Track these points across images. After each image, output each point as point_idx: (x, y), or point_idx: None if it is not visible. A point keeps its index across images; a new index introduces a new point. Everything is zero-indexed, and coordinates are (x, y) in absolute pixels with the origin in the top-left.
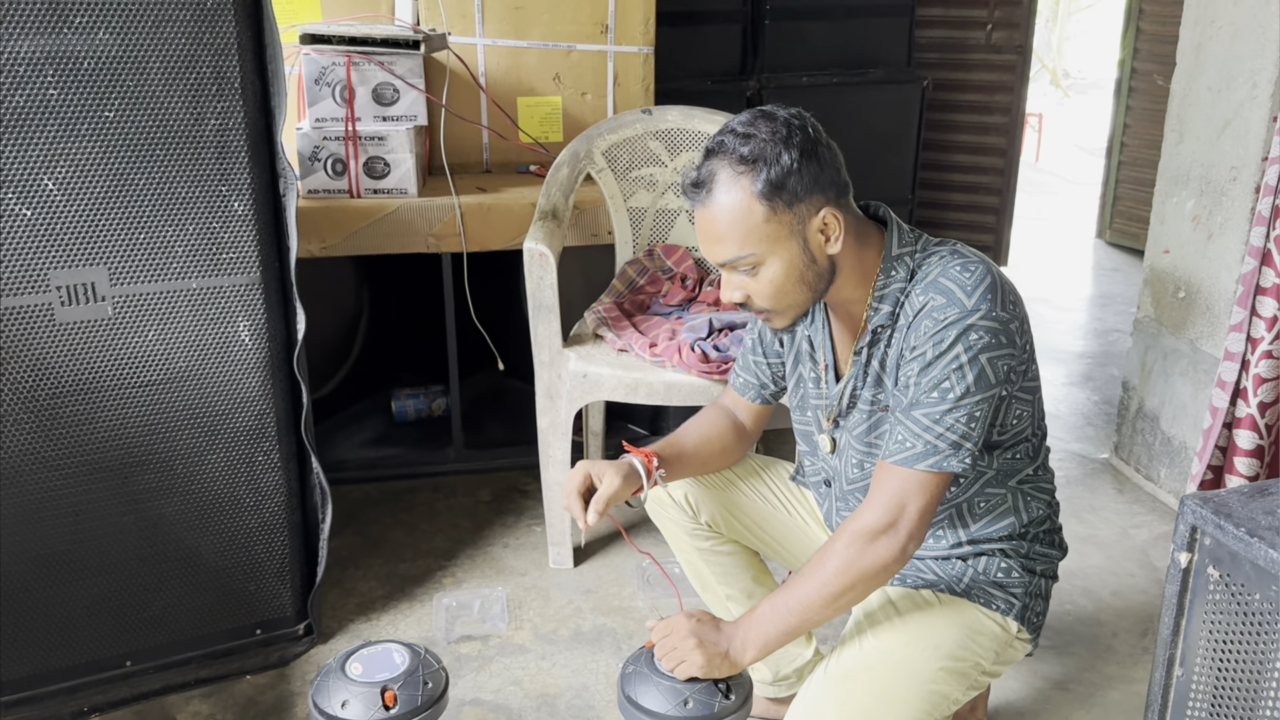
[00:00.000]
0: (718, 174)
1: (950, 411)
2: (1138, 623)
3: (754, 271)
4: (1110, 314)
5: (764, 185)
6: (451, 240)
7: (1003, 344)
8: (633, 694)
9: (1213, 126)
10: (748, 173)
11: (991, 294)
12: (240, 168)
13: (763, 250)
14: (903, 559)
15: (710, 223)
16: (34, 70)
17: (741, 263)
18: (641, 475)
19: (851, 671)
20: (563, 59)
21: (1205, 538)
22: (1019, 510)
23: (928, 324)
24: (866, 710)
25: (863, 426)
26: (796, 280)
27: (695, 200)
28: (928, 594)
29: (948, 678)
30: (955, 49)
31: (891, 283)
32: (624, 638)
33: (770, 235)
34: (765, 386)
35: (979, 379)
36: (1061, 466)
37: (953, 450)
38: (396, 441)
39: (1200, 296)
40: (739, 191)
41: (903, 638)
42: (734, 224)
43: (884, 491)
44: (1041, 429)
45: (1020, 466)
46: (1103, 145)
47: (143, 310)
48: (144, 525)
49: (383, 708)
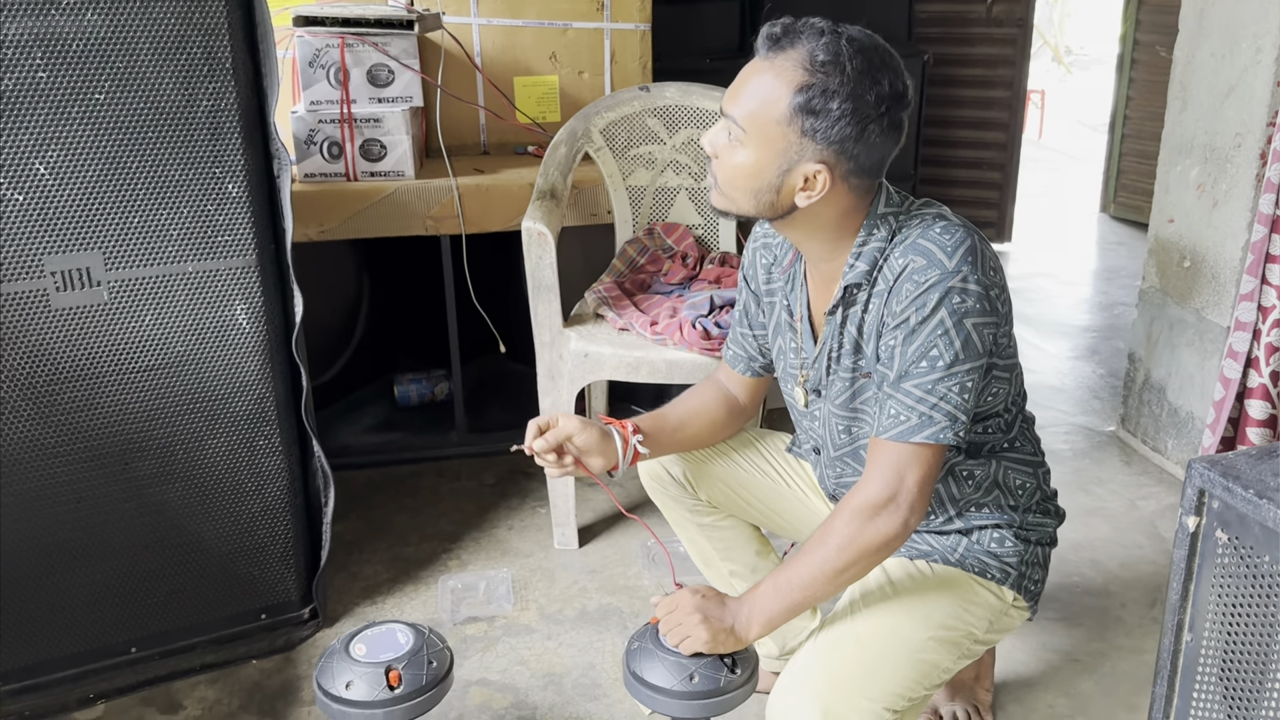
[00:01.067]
0: (790, 53)
1: (941, 381)
2: (1146, 593)
3: (735, 143)
4: (1115, 287)
5: (804, 100)
6: (450, 222)
7: (985, 311)
8: (638, 670)
9: (1216, 93)
10: (805, 78)
11: (972, 257)
12: (233, 149)
13: (755, 138)
14: (905, 533)
15: (748, 78)
16: (22, 52)
17: (734, 128)
18: (616, 441)
19: (840, 640)
20: (559, 37)
21: (1213, 500)
22: (1000, 483)
23: (909, 288)
24: (853, 678)
25: (845, 395)
26: (751, 182)
27: (762, 50)
28: (922, 564)
29: (938, 647)
30: (956, 23)
31: (872, 240)
32: (629, 617)
33: (771, 135)
34: (754, 359)
35: (966, 346)
36: (1068, 440)
37: (948, 421)
38: (399, 426)
39: (1206, 265)
40: (785, 84)
41: (894, 607)
42: (758, 96)
43: (881, 465)
44: (1015, 405)
45: (989, 439)
46: (1105, 121)
47: (139, 295)
48: (146, 511)
49: (387, 688)
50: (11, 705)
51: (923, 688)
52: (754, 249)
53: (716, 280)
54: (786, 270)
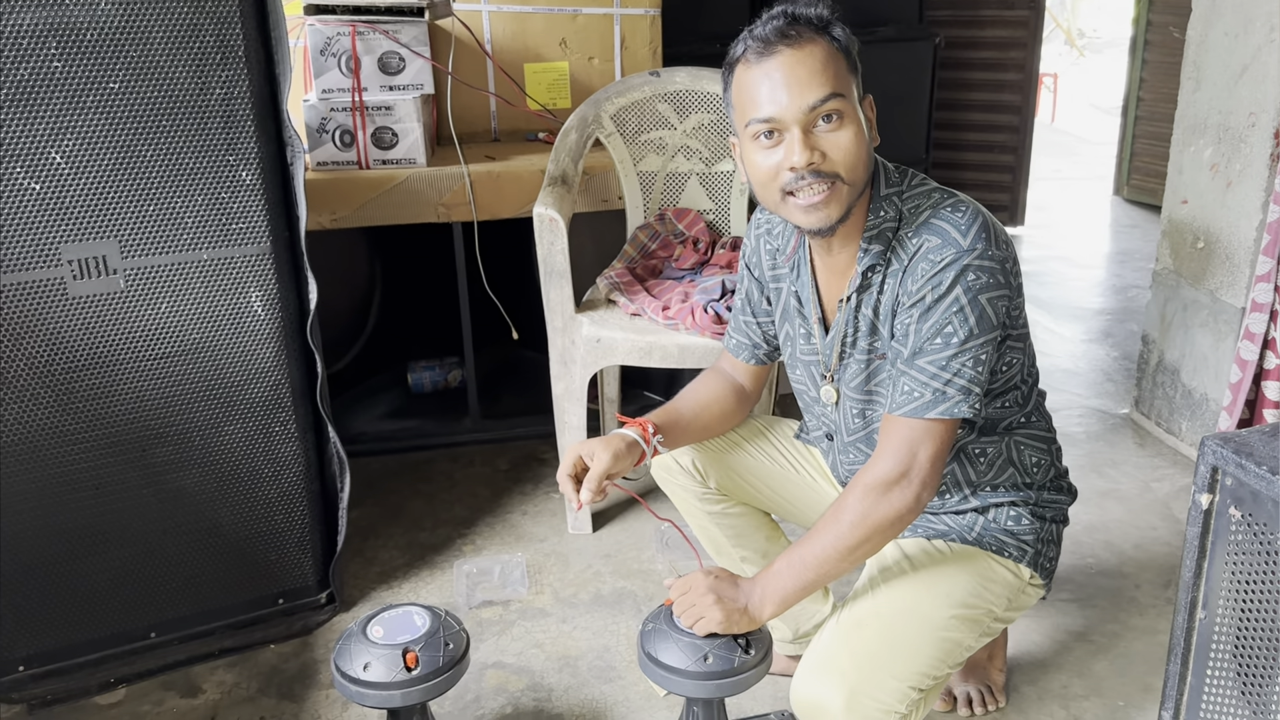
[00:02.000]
0: (803, 23)
1: (956, 356)
2: (1160, 574)
3: (836, 124)
4: (1129, 270)
5: (843, 41)
6: (462, 209)
7: (999, 284)
8: (653, 651)
9: (1230, 72)
10: (827, 30)
11: (985, 233)
12: (247, 137)
13: (848, 97)
14: (917, 508)
15: (800, 64)
16: (37, 42)
17: (831, 105)
18: (641, 445)
19: (863, 619)
20: (569, 23)
21: (1226, 478)
22: (1015, 460)
23: (924, 266)
24: (877, 657)
25: (860, 377)
26: (866, 149)
27: (782, 43)
28: (940, 544)
29: (959, 625)
30: (967, 5)
31: (882, 223)
32: (643, 600)
33: (851, 88)
34: (758, 346)
35: (980, 320)
36: (1082, 422)
37: (962, 395)
38: (414, 413)
39: (1220, 246)
40: (826, 40)
41: (915, 586)
42: (828, 63)
43: (893, 442)
44: (1031, 375)
45: (1008, 414)
46: (1118, 104)
47: (155, 282)
48: (164, 497)
49: (404, 669)
50: (33, 689)
51: (946, 666)
52: (757, 235)
53: (728, 265)
54: (791, 257)
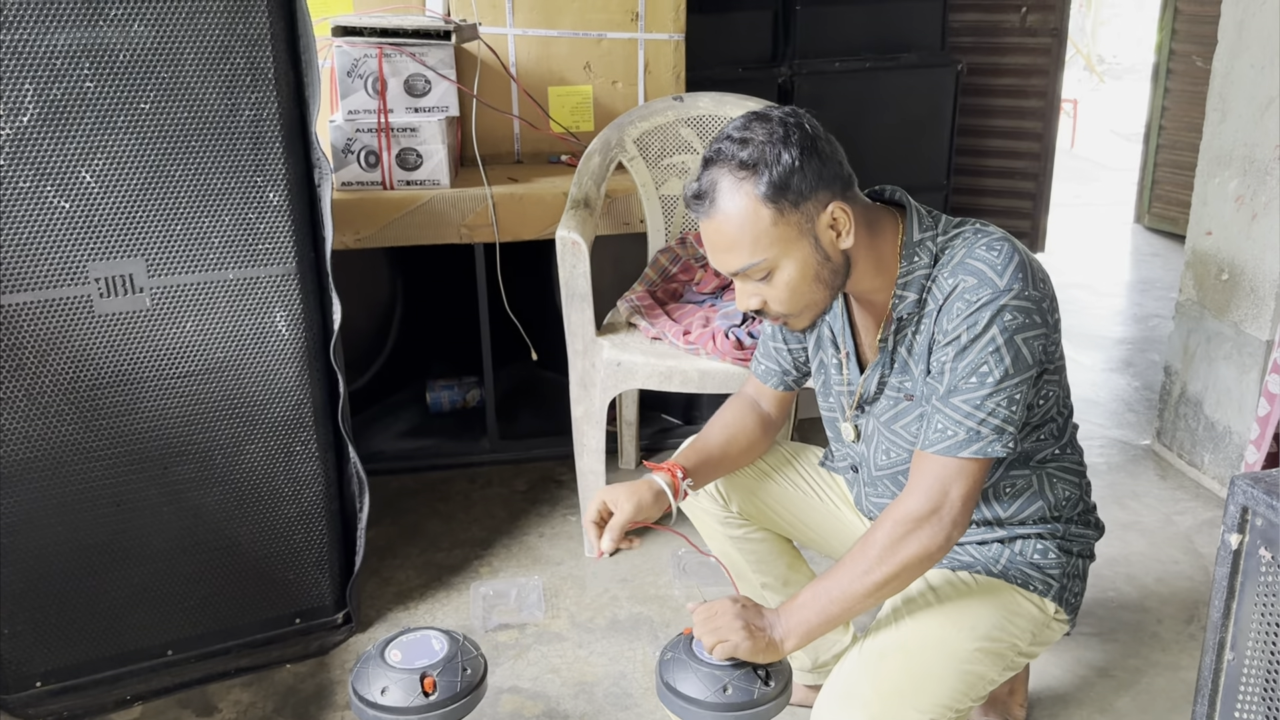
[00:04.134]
0: (719, 182)
1: (991, 396)
2: (1182, 609)
3: (768, 278)
4: (1150, 299)
5: (768, 188)
6: (484, 231)
7: (1036, 324)
8: (671, 680)
9: (1256, 104)
10: (749, 177)
11: (1022, 272)
12: (275, 158)
13: (774, 254)
14: (946, 546)
15: (717, 233)
16: (71, 63)
17: (755, 270)
18: (669, 494)
19: (886, 651)
20: (593, 47)
21: (1257, 518)
22: (1045, 492)
23: (960, 306)
24: (901, 689)
25: (889, 414)
26: (812, 280)
27: (699, 212)
28: (965, 575)
29: (984, 658)
30: (989, 32)
31: (915, 269)
32: (660, 626)
33: (780, 238)
34: (788, 373)
35: (1016, 360)
36: (1103, 453)
37: (996, 435)
38: (432, 433)
39: (1244, 278)
40: (743, 197)
41: (939, 618)
42: (742, 231)
43: (925, 479)
44: (1067, 407)
45: (1044, 448)
46: (1139, 131)
47: (181, 301)
48: (184, 515)
49: (422, 694)
50: (50, 705)
51: (968, 699)
52: None
53: None
54: None
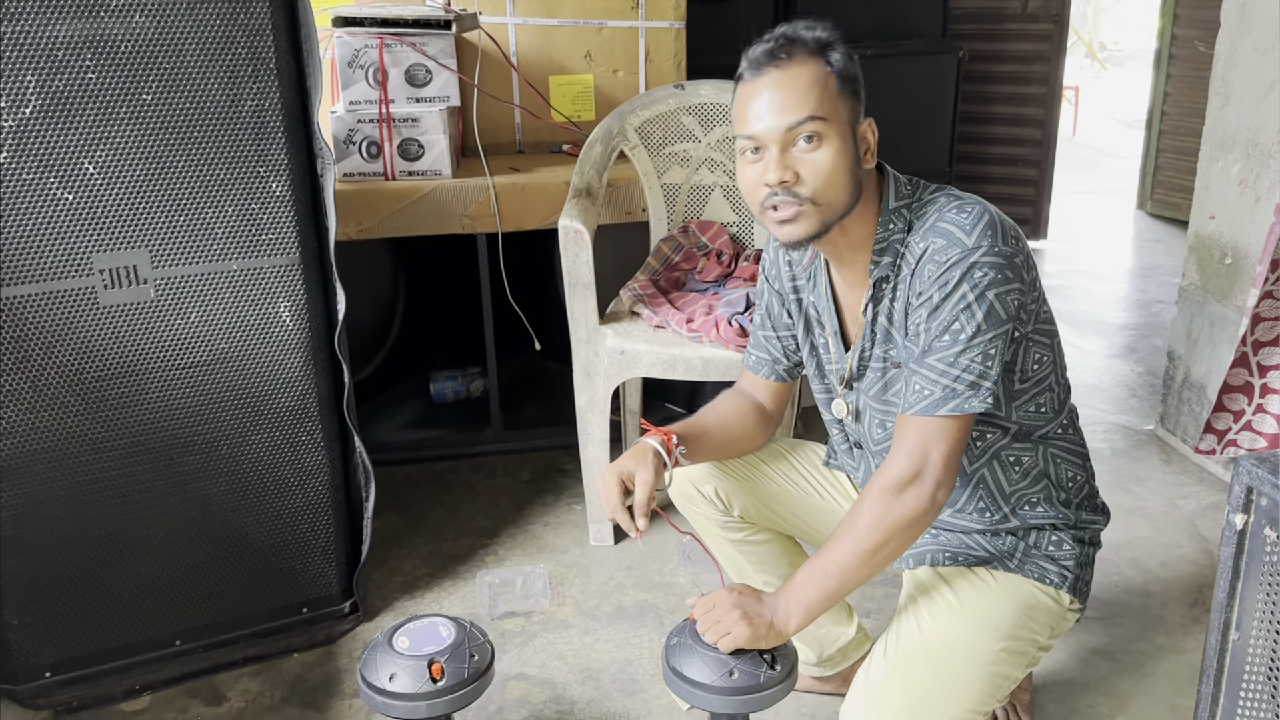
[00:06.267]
0: (796, 42)
1: (964, 352)
2: (1187, 593)
3: (815, 145)
4: (1153, 285)
5: (840, 65)
6: (486, 221)
7: (1009, 279)
8: (678, 665)
9: (1259, 88)
10: (824, 52)
11: (991, 230)
12: (277, 149)
13: (831, 120)
14: (934, 508)
15: (787, 85)
16: (72, 54)
17: (810, 127)
18: (663, 455)
19: (912, 656)
20: (594, 36)
21: (1262, 498)
22: (1050, 473)
23: (931, 268)
24: (930, 694)
25: (878, 386)
26: (845, 172)
27: (771, 64)
28: (982, 572)
29: (1008, 658)
30: (991, 19)
31: (891, 235)
32: (666, 613)
33: (838, 111)
34: (778, 362)
35: (989, 316)
36: (1106, 439)
37: (971, 390)
38: (436, 423)
39: (1248, 262)
40: (818, 63)
41: (962, 619)
42: (811, 86)
43: (907, 442)
44: (1064, 379)
45: (1042, 422)
46: (1141, 117)
47: (185, 292)
48: (191, 506)
49: (430, 680)
50: (60, 695)
51: (994, 700)
52: (775, 247)
53: (751, 278)
54: (807, 268)
